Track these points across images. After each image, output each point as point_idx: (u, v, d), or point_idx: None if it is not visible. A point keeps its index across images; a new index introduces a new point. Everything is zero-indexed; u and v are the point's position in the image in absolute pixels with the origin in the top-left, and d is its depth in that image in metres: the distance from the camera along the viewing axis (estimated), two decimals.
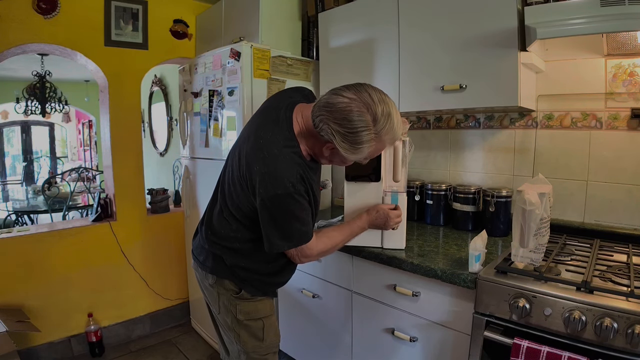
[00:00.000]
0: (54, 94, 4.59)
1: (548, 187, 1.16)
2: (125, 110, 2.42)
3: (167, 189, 2.78)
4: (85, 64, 2.34)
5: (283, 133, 1.06)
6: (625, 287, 1.01)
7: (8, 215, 3.98)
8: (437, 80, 1.55)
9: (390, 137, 1.01)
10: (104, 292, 2.39)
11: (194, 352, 2.36)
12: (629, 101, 1.39)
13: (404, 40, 1.65)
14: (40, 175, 7.36)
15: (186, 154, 2.42)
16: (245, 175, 1.07)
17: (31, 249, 2.13)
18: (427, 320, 1.32)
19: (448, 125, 1.91)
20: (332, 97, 0.99)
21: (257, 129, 1.11)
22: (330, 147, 1.03)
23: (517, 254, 1.15)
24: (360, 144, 0.97)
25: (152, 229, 2.58)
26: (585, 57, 1.46)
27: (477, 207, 1.70)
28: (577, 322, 0.94)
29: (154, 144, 4.14)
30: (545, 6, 1.24)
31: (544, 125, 1.60)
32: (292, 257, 1.16)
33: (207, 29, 2.58)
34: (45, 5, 2.06)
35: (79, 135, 8.54)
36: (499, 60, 1.37)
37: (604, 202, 1.47)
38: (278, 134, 1.06)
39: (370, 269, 1.48)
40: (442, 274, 1.22)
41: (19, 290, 2.10)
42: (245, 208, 1.12)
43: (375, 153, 1.06)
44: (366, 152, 1.00)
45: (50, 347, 2.20)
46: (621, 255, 1.29)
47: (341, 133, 0.97)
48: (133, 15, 2.37)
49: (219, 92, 2.02)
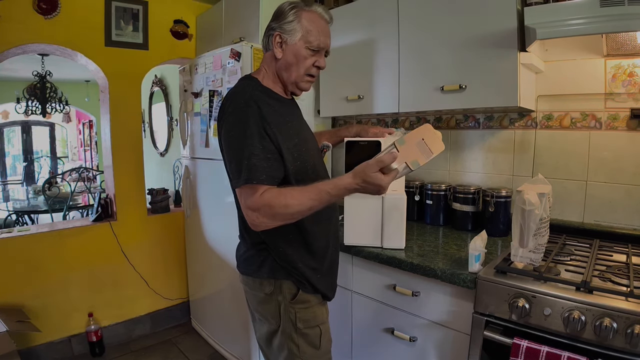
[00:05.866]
0: (55, 94, 4.59)
1: (547, 187, 1.16)
2: (125, 110, 2.43)
3: (167, 189, 2.78)
4: (86, 64, 2.35)
5: (243, 77, 1.18)
6: (624, 287, 1.01)
7: (8, 215, 3.98)
8: (437, 80, 1.55)
9: (317, 7, 1.14)
10: (104, 292, 2.40)
11: (194, 352, 2.37)
12: (628, 101, 1.40)
13: (404, 41, 1.66)
14: (41, 175, 7.37)
15: (186, 154, 2.43)
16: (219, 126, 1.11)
17: (32, 249, 2.14)
18: (426, 320, 1.32)
19: (448, 125, 1.91)
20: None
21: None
22: (276, 40, 1.12)
23: (516, 254, 1.15)
24: (288, 11, 1.11)
25: (152, 229, 2.59)
26: (585, 58, 1.46)
27: (477, 207, 1.70)
28: (576, 322, 0.94)
29: (154, 144, 4.14)
30: (545, 6, 1.24)
31: (544, 126, 1.60)
32: (243, 211, 1.02)
33: (208, 29, 2.59)
34: (45, 6, 2.06)
35: (79, 135, 8.55)
36: (499, 61, 1.37)
37: (603, 202, 1.47)
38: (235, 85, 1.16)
39: (370, 269, 1.48)
40: (441, 273, 1.23)
41: (20, 290, 2.10)
42: None
43: (314, 31, 1.12)
44: (300, 22, 1.11)
45: (51, 346, 2.20)
46: (620, 255, 1.29)
47: (275, 20, 1.13)
48: (133, 16, 2.37)
49: (219, 93, 2.02)
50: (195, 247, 2.50)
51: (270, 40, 1.13)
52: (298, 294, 1.14)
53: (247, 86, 1.12)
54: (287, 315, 1.13)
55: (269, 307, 1.15)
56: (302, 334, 1.14)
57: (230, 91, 1.13)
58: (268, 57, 1.17)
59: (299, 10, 1.12)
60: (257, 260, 1.16)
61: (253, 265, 1.17)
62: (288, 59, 1.13)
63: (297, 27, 1.11)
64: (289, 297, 1.13)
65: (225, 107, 1.10)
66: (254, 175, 0.99)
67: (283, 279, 1.13)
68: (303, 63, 1.14)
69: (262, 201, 0.98)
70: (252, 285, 1.18)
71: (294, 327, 1.13)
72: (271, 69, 1.17)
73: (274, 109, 1.09)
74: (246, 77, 1.18)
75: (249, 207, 1.00)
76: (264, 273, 1.14)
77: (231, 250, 2.01)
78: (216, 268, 2.21)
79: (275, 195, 0.99)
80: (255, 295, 1.18)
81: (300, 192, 0.99)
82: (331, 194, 0.99)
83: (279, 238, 1.12)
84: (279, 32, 1.11)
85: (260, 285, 1.15)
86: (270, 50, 1.14)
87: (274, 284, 1.14)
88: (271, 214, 0.99)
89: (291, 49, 1.12)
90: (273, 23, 1.14)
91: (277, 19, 1.13)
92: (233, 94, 1.11)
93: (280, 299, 1.14)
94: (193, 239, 2.51)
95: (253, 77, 1.16)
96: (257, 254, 1.16)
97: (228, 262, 2.08)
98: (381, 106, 1.79)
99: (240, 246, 1.25)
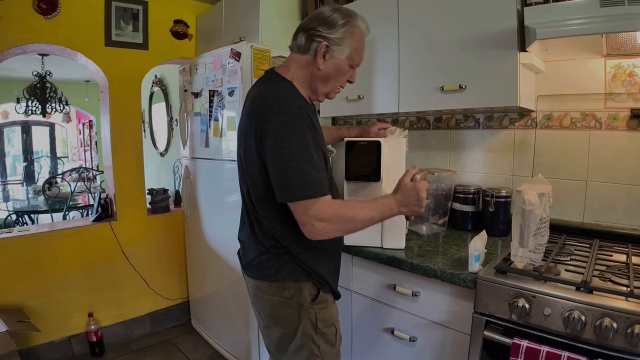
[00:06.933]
0: (55, 94, 4.59)
1: (547, 187, 1.16)
2: (125, 110, 2.43)
3: (167, 189, 2.78)
4: (86, 64, 2.35)
5: (274, 80, 1.11)
6: (624, 287, 1.01)
7: (8, 215, 3.98)
8: (437, 80, 1.55)
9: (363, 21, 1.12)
10: (104, 291, 2.40)
11: (194, 352, 2.37)
12: (628, 101, 1.39)
13: (403, 40, 1.66)
14: (41, 175, 7.37)
15: (186, 154, 2.43)
16: (252, 138, 1.04)
17: (32, 249, 2.14)
18: (426, 320, 1.32)
19: (448, 125, 1.91)
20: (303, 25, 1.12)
21: (249, 96, 1.15)
22: (322, 50, 1.07)
23: (516, 253, 1.15)
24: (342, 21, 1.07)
25: (152, 229, 2.59)
26: (585, 58, 1.46)
27: (477, 207, 1.70)
28: (576, 322, 0.94)
29: (154, 144, 4.14)
30: (544, 6, 1.24)
31: (544, 126, 1.60)
32: (303, 222, 1.01)
33: (208, 29, 2.59)
34: (45, 6, 2.06)
35: (79, 136, 8.55)
36: (499, 61, 1.37)
37: (603, 202, 1.47)
38: (268, 82, 1.12)
39: (370, 269, 1.48)
40: (441, 273, 1.23)
41: (20, 290, 2.10)
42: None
43: (360, 49, 1.12)
44: (350, 39, 1.08)
45: (51, 346, 2.20)
46: (620, 255, 1.29)
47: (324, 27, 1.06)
48: (133, 16, 2.37)
49: (219, 93, 2.02)
50: (195, 247, 2.50)
51: (313, 47, 1.08)
52: (319, 295, 1.13)
53: (289, 92, 1.07)
54: (307, 316, 1.11)
55: (286, 311, 1.12)
56: (321, 334, 1.13)
57: (270, 95, 1.04)
58: (303, 60, 1.11)
59: (351, 26, 1.08)
60: (274, 264, 1.12)
61: (269, 269, 1.12)
62: (329, 72, 1.11)
63: (347, 44, 1.08)
64: (310, 298, 1.12)
65: (269, 114, 1.00)
66: (319, 188, 0.99)
67: (304, 282, 1.11)
68: (342, 78, 1.14)
69: (332, 211, 1.00)
70: (267, 289, 1.13)
71: (314, 327, 1.12)
72: (303, 73, 1.12)
73: (316, 120, 1.10)
74: (280, 78, 1.11)
75: (316, 217, 0.99)
76: (284, 277, 1.11)
77: (231, 250, 2.03)
78: (216, 268, 2.21)
79: (342, 206, 1.04)
80: (270, 300, 1.13)
81: (360, 204, 1.07)
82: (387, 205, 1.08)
83: (299, 241, 1.09)
84: (328, 43, 1.07)
85: (279, 289, 1.11)
86: (309, 54, 1.09)
87: (294, 287, 1.11)
88: (341, 223, 1.03)
89: (335, 63, 1.09)
90: (322, 30, 1.07)
91: (326, 27, 1.07)
92: (277, 101, 1.02)
93: (301, 301, 1.11)
94: (193, 239, 2.51)
95: (287, 80, 1.11)
96: (273, 258, 1.12)
97: (228, 262, 2.08)
98: (381, 106, 1.79)
99: (249, 251, 1.19)
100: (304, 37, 1.09)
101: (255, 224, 1.14)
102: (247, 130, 1.07)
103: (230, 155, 1.99)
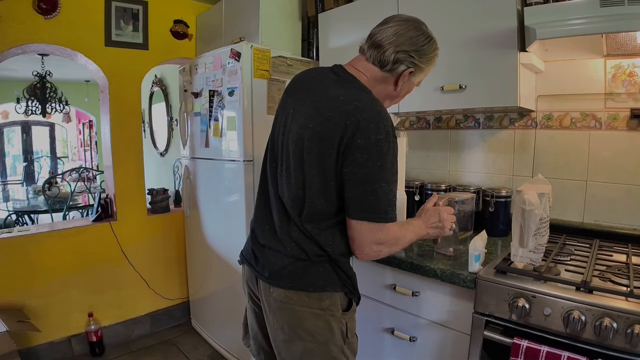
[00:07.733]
0: (55, 94, 4.59)
1: (547, 187, 1.16)
2: (125, 110, 2.43)
3: (167, 189, 2.78)
4: (86, 64, 2.35)
5: (358, 86, 1.04)
6: (624, 287, 1.01)
7: (8, 215, 3.98)
8: (437, 80, 1.55)
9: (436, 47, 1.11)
10: (104, 292, 2.40)
11: (194, 352, 2.37)
12: (628, 101, 1.40)
13: None
14: (41, 176, 7.36)
15: (186, 154, 2.43)
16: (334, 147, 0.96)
17: (32, 249, 2.14)
18: (426, 320, 1.32)
19: (448, 125, 1.91)
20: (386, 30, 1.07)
21: (323, 92, 1.03)
22: (406, 75, 1.06)
23: (516, 253, 1.15)
24: (432, 52, 1.07)
25: (152, 229, 2.59)
26: (585, 58, 1.46)
27: (477, 207, 1.70)
28: (576, 322, 0.94)
29: (154, 144, 4.14)
30: (544, 6, 1.24)
31: (544, 126, 1.60)
32: (364, 243, 0.98)
33: (208, 29, 2.59)
34: (45, 6, 2.06)
35: (79, 136, 8.55)
36: (499, 61, 1.37)
37: (603, 202, 1.47)
38: (352, 87, 1.04)
39: (370, 269, 1.48)
40: (441, 273, 1.23)
41: (20, 290, 2.10)
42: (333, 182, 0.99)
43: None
44: (429, 67, 1.10)
45: (51, 346, 2.20)
46: (620, 255, 1.30)
47: (417, 54, 1.04)
48: (133, 16, 2.37)
49: (219, 93, 2.02)
50: (195, 247, 2.50)
51: (400, 69, 1.04)
52: (350, 304, 1.10)
53: (382, 107, 1.01)
54: (339, 327, 1.06)
55: (318, 323, 1.03)
56: (349, 344, 1.09)
57: (365, 106, 0.97)
58: (380, 76, 1.06)
59: (435, 57, 1.09)
60: (312, 273, 1.04)
61: (306, 277, 1.04)
62: (401, 92, 1.11)
63: (425, 71, 1.10)
64: (342, 308, 1.07)
65: (364, 127, 0.93)
66: (395, 213, 0.99)
67: (339, 291, 1.06)
68: (404, 97, 1.16)
69: (392, 234, 1.00)
70: (301, 300, 1.03)
71: (344, 338, 1.07)
72: (379, 88, 1.08)
73: None
74: (360, 84, 1.05)
75: (378, 241, 0.98)
76: (324, 286, 1.03)
77: (231, 250, 2.03)
78: (216, 268, 2.21)
79: (396, 229, 1.02)
80: (301, 312, 1.04)
81: (401, 225, 1.06)
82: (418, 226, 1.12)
83: (347, 251, 1.05)
84: (414, 70, 1.05)
85: (317, 300, 1.03)
86: (389, 72, 1.05)
87: (330, 297, 1.04)
88: (393, 246, 1.03)
89: (409, 85, 1.11)
90: (413, 55, 1.04)
91: (418, 54, 1.04)
92: (375, 116, 0.95)
93: (334, 312, 1.05)
94: (193, 239, 2.51)
95: (368, 90, 1.05)
96: (312, 266, 1.04)
97: (228, 262, 2.08)
98: None
99: (276, 258, 1.07)
100: (392, 56, 1.03)
101: (293, 230, 1.05)
102: (324, 135, 0.98)
103: (230, 155, 1.99)
